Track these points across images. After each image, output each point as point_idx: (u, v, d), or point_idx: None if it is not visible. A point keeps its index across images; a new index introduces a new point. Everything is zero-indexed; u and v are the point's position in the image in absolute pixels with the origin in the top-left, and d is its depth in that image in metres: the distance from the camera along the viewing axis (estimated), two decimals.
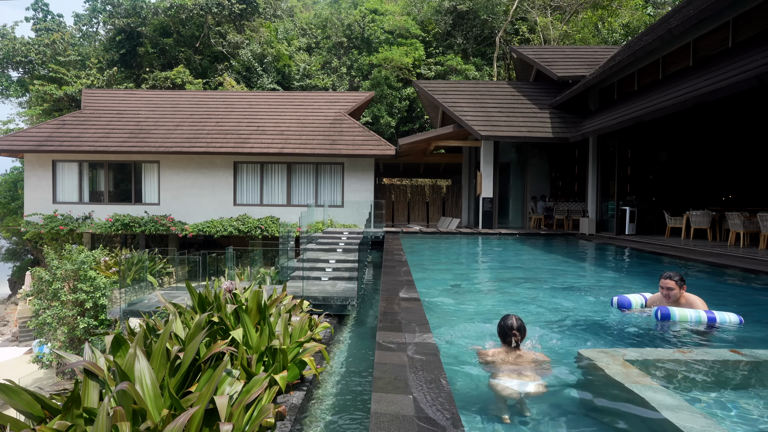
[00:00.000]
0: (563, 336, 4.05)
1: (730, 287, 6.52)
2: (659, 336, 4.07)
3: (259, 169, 16.38)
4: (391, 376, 2.50)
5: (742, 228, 9.38)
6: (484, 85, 17.68)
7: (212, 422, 2.45)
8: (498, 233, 13.62)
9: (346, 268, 8.71)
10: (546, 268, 8.17)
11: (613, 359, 2.99)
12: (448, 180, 24.30)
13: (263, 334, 3.47)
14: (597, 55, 16.77)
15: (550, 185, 17.50)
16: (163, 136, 16.16)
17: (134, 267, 12.20)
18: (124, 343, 2.86)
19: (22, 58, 25.50)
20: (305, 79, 26.82)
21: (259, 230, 15.03)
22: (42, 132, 16.27)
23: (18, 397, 2.31)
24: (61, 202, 16.08)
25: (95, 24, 29.53)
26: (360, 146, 15.67)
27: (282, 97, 20.01)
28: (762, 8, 8.60)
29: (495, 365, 3.14)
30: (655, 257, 9.07)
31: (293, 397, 3.25)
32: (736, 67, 8.12)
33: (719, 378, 3.03)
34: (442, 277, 7.31)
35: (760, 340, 4.02)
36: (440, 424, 1.98)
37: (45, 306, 11.86)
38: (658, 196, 13.74)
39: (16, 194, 22.26)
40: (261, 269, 13.05)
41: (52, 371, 12.16)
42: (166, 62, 27.38)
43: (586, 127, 13.20)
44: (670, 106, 9.33)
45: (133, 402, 2.28)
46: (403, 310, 4.00)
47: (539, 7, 27.88)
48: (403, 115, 26.41)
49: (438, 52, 27.90)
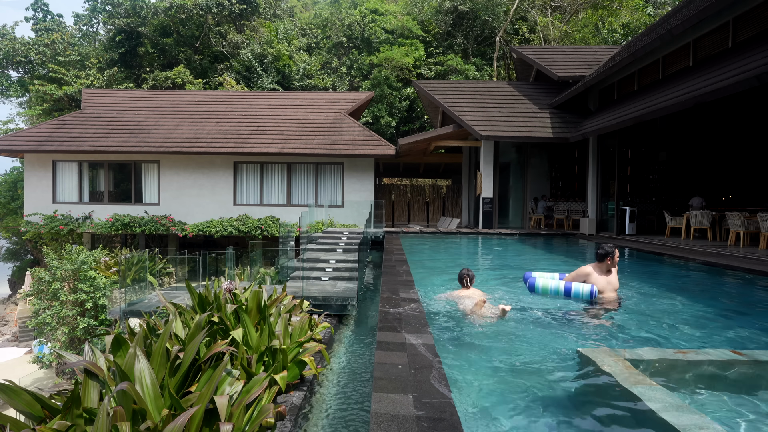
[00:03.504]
0: (563, 335, 4.05)
1: (730, 287, 6.52)
2: (659, 336, 4.08)
3: (259, 169, 16.38)
4: (391, 376, 2.50)
5: (742, 228, 9.38)
6: (484, 85, 17.68)
7: (212, 422, 2.45)
8: (498, 233, 13.61)
9: (346, 268, 8.71)
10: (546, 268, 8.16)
11: (613, 359, 2.99)
12: (448, 180, 24.30)
13: (263, 334, 3.47)
14: (597, 55, 16.77)
15: (550, 185, 17.50)
16: (163, 136, 16.17)
17: (134, 267, 12.20)
18: (124, 343, 2.86)
19: (22, 58, 25.50)
20: (305, 79, 26.82)
21: (259, 230, 15.03)
22: (42, 132, 16.27)
23: (18, 397, 2.31)
24: (61, 202, 16.08)
25: (95, 24, 29.53)
26: (360, 146, 15.67)
27: (282, 97, 20.02)
28: (762, 8, 8.60)
29: (457, 297, 5.03)
30: (656, 257, 9.07)
31: (293, 397, 3.25)
32: (736, 67, 8.12)
33: (719, 378, 3.03)
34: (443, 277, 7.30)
35: (760, 341, 4.02)
36: (440, 425, 1.98)
37: (45, 306, 11.86)
38: (658, 196, 13.74)
39: (16, 194, 22.27)
40: (261, 269, 13.05)
41: (52, 371, 12.16)
42: (166, 62, 27.38)
43: (586, 127, 13.20)
44: (670, 106, 9.34)
45: (133, 402, 2.28)
46: (403, 310, 4.00)
47: (539, 7, 27.89)
48: (403, 115, 26.41)
49: (438, 52, 27.91)
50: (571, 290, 4.98)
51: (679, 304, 5.42)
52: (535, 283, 5.28)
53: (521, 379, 3.14)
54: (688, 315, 4.92)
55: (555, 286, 5.11)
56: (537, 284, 5.25)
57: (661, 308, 5.10)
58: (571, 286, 5.00)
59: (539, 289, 5.25)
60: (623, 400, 2.53)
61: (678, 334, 4.13)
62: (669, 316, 4.74)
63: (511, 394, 2.90)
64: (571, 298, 5.02)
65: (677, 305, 5.32)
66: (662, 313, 4.89)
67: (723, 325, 4.55)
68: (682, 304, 5.38)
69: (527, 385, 3.04)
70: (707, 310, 5.18)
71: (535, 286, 5.26)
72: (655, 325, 4.39)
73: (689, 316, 4.85)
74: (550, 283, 5.18)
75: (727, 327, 4.46)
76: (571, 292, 4.99)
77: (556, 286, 5.10)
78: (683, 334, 4.17)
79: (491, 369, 3.32)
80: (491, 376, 3.19)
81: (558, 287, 5.08)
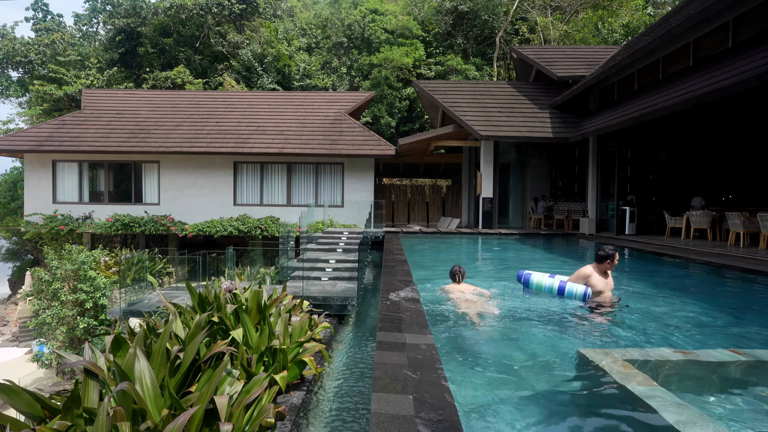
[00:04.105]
0: (563, 335, 4.05)
1: (730, 287, 6.52)
2: (659, 336, 4.07)
3: (259, 169, 16.38)
4: (391, 376, 2.50)
5: (742, 228, 9.38)
6: (484, 85, 17.68)
7: (212, 422, 2.45)
8: (498, 233, 13.61)
9: (346, 268, 8.70)
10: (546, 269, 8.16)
11: (613, 359, 2.99)
12: (448, 180, 24.30)
13: (263, 334, 3.47)
14: (597, 55, 16.77)
15: (550, 185, 17.50)
16: (163, 136, 16.16)
17: (134, 267, 12.20)
18: (124, 343, 2.86)
19: (22, 58, 25.49)
20: (305, 79, 26.81)
21: (259, 230, 15.02)
22: (42, 132, 16.27)
23: (18, 397, 2.31)
24: (61, 202, 16.08)
25: (95, 24, 29.53)
26: (360, 146, 15.67)
27: (282, 97, 20.01)
28: (762, 8, 8.60)
29: (450, 291, 5.42)
30: (655, 257, 9.07)
31: (293, 397, 3.25)
32: (736, 67, 8.12)
33: (719, 378, 3.03)
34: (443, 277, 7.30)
35: (760, 341, 4.02)
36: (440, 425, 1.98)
37: (45, 306, 11.86)
38: (658, 196, 13.74)
39: (16, 194, 22.27)
40: (261, 269, 13.05)
41: (52, 371, 12.16)
42: (166, 62, 27.38)
43: (586, 127, 13.19)
44: (670, 106, 9.33)
45: (133, 402, 2.27)
46: (403, 310, 4.00)
47: (539, 7, 27.89)
48: (403, 115, 26.41)
49: (438, 52, 27.91)
50: (564, 289, 5.00)
51: (678, 304, 5.42)
52: (530, 279, 5.31)
53: (521, 379, 3.14)
54: (687, 315, 4.93)
55: (549, 284, 5.14)
56: (531, 280, 5.28)
57: (661, 308, 5.10)
58: (566, 286, 5.01)
59: (533, 286, 5.28)
60: (623, 400, 2.53)
61: (678, 334, 4.13)
62: (669, 316, 4.74)
63: (511, 394, 2.90)
64: (564, 297, 5.04)
65: (677, 305, 5.33)
66: (662, 313, 4.89)
67: (723, 324, 4.55)
68: (681, 304, 5.38)
69: (527, 385, 3.05)
70: (707, 310, 5.18)
71: (530, 282, 5.29)
72: (655, 325, 4.39)
73: (689, 316, 4.86)
74: (544, 280, 5.21)
75: (727, 327, 4.46)
76: (564, 292, 5.01)
77: (551, 283, 5.13)
78: (683, 334, 4.17)
79: (491, 369, 3.32)
80: (491, 376, 3.19)
81: (552, 285, 5.11)
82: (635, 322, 4.47)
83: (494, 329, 4.34)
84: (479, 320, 4.54)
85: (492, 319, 4.61)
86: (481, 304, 4.95)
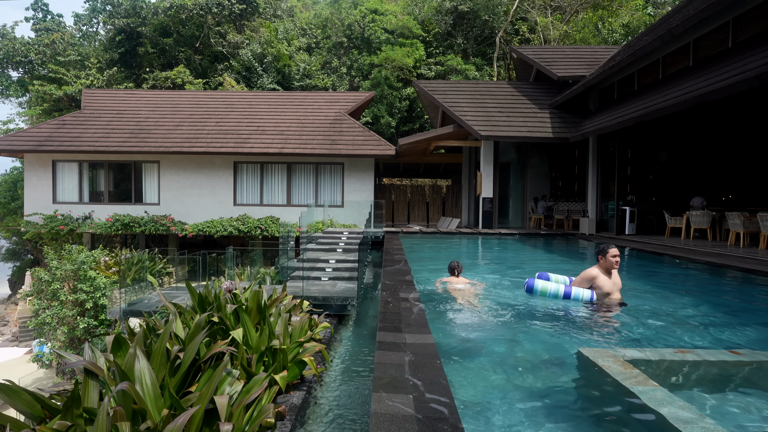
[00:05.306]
0: (563, 335, 4.05)
1: (730, 287, 6.52)
2: (659, 336, 4.07)
3: (259, 169, 16.38)
4: (391, 376, 2.50)
5: (742, 228, 9.37)
6: (484, 85, 17.68)
7: (212, 422, 2.45)
8: (498, 233, 13.61)
9: (346, 268, 8.70)
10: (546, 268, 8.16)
11: (613, 359, 2.99)
12: (448, 180, 24.29)
13: (263, 334, 3.47)
14: (597, 55, 16.77)
15: (550, 185, 17.50)
16: (163, 136, 16.17)
17: (134, 267, 12.20)
18: (124, 343, 2.86)
19: (22, 58, 25.50)
20: (305, 79, 26.82)
21: (259, 230, 15.02)
22: (42, 132, 16.27)
23: (18, 397, 2.31)
24: (61, 202, 16.09)
25: (95, 24, 29.53)
26: (360, 146, 15.67)
27: (282, 97, 20.01)
28: (762, 8, 8.60)
29: (448, 282, 6.03)
30: (656, 257, 9.07)
31: (293, 397, 3.25)
32: (736, 67, 8.12)
33: (719, 378, 3.03)
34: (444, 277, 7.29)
35: (760, 341, 4.02)
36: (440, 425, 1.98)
37: (45, 306, 11.86)
38: (658, 196, 13.74)
39: (16, 194, 22.27)
40: (261, 269, 13.05)
41: (52, 371, 12.16)
42: (166, 62, 27.38)
43: (586, 127, 13.19)
44: (670, 106, 9.33)
45: (133, 402, 2.28)
46: (403, 310, 4.00)
47: (539, 8, 27.89)
48: (403, 115, 26.41)
49: (438, 52, 27.91)
50: (570, 296, 4.92)
51: (678, 304, 5.42)
52: (533, 285, 5.19)
53: (522, 379, 3.14)
54: (687, 315, 4.92)
55: (555, 290, 5.04)
56: (536, 287, 5.17)
57: (661, 308, 5.09)
58: (571, 292, 4.93)
59: (538, 292, 5.17)
60: (623, 400, 2.53)
61: (678, 334, 4.13)
62: (669, 316, 4.74)
63: (511, 394, 2.90)
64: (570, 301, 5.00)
65: (677, 305, 5.32)
66: (662, 313, 4.88)
67: (723, 325, 4.55)
68: (681, 304, 5.38)
69: (528, 384, 3.05)
70: (707, 310, 5.18)
71: (534, 288, 5.18)
72: (655, 325, 4.39)
73: (689, 316, 4.85)
74: (549, 286, 5.09)
75: (727, 327, 4.46)
76: (570, 297, 4.93)
77: (556, 289, 5.04)
78: (683, 334, 4.17)
79: (492, 369, 3.32)
80: (491, 376, 3.19)
81: (558, 291, 5.01)
82: (635, 322, 4.47)
83: (494, 329, 4.34)
84: (478, 304, 5.11)
85: (492, 319, 4.61)
86: (475, 294, 5.55)
